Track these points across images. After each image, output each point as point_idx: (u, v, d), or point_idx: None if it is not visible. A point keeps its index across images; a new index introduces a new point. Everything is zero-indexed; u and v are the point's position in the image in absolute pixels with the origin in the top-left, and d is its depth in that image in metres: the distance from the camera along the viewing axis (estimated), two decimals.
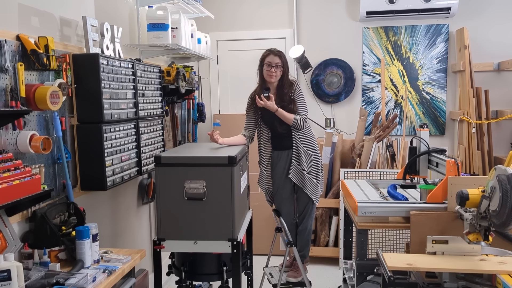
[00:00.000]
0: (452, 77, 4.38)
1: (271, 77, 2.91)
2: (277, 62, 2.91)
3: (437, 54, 4.37)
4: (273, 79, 2.92)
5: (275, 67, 2.91)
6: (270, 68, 2.91)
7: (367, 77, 4.51)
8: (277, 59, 2.91)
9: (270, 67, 2.91)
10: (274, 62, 2.91)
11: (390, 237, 3.83)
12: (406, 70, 4.44)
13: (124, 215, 2.97)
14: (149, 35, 3.04)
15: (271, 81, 2.93)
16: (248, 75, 4.65)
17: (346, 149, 4.22)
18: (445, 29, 4.32)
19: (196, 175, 2.20)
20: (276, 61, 2.91)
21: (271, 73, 2.91)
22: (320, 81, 4.56)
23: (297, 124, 2.87)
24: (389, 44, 4.44)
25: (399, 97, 4.47)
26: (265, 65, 2.93)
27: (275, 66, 2.90)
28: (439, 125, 4.43)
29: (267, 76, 2.93)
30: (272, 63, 2.91)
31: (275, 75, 2.91)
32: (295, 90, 2.94)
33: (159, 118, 3.11)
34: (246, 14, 4.64)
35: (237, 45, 4.72)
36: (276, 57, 2.91)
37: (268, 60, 2.92)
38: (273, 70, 2.91)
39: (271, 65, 2.91)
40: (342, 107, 4.59)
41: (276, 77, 2.92)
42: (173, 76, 3.28)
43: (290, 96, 2.91)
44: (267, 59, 2.93)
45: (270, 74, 2.92)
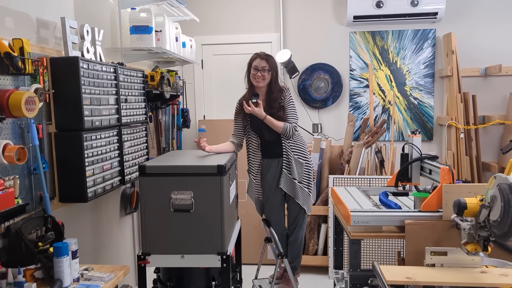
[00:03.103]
0: (439, 82, 4.36)
1: (258, 81, 2.81)
2: (264, 66, 2.81)
3: (424, 59, 4.34)
4: (260, 84, 2.82)
5: (262, 71, 2.81)
6: (257, 72, 2.82)
7: (355, 82, 4.46)
8: (264, 62, 2.82)
9: (257, 71, 2.82)
10: (261, 66, 2.81)
11: (380, 246, 3.77)
12: (394, 75, 4.40)
13: (106, 227, 2.82)
14: (132, 38, 2.91)
15: (258, 85, 2.83)
16: (234, 80, 4.56)
17: (334, 155, 4.15)
18: (432, 34, 4.30)
19: (183, 186, 2.09)
20: (263, 65, 2.81)
21: (258, 77, 2.81)
22: (307, 86, 4.49)
23: (286, 132, 2.77)
24: (376, 49, 4.40)
25: (386, 102, 4.43)
26: (252, 69, 2.84)
27: (262, 70, 2.81)
28: (427, 131, 4.40)
29: (254, 81, 2.83)
30: (259, 67, 2.82)
31: (262, 80, 2.81)
32: (285, 97, 2.84)
33: (142, 124, 2.98)
34: (231, 17, 4.55)
35: (222, 49, 4.62)
36: (263, 61, 2.82)
37: (255, 64, 2.82)
38: (259, 74, 2.81)
39: (258, 69, 2.81)
40: (329, 113, 4.52)
41: (264, 82, 2.82)
42: (157, 81, 3.15)
43: (279, 103, 2.82)
44: (254, 63, 2.84)
45: (257, 79, 2.82)
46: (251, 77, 2.83)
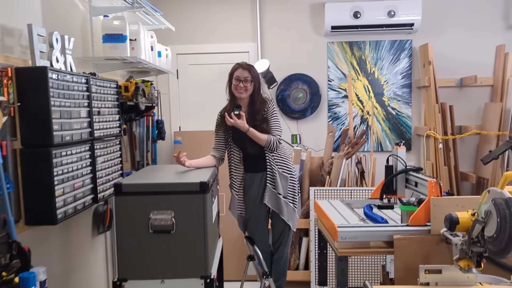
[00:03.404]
0: (416, 93, 4.37)
1: (240, 92, 2.71)
2: (246, 76, 2.71)
3: (401, 69, 4.35)
4: (242, 95, 2.71)
5: (244, 81, 2.71)
6: (239, 83, 2.71)
7: (333, 93, 4.42)
8: (246, 73, 2.72)
9: (239, 81, 2.71)
10: (243, 76, 2.71)
11: (363, 260, 3.70)
12: (372, 85, 4.39)
13: (77, 249, 2.63)
14: (105, 47, 2.75)
15: (240, 97, 2.73)
16: (210, 90, 4.43)
17: (314, 166, 4.08)
18: (408, 44, 4.32)
19: (163, 205, 1.94)
20: (245, 75, 2.71)
21: (240, 88, 2.71)
22: (286, 96, 4.41)
23: (270, 145, 2.67)
24: (354, 59, 4.38)
25: (365, 113, 4.41)
26: (234, 80, 2.73)
27: (244, 80, 2.70)
28: (405, 141, 4.39)
29: (236, 92, 2.73)
30: (241, 77, 2.71)
31: (245, 91, 2.71)
32: (268, 108, 2.74)
33: (116, 138, 2.81)
34: (207, 26, 4.44)
35: (198, 58, 4.49)
36: (245, 71, 2.72)
37: (237, 74, 2.72)
38: (241, 85, 2.71)
39: (240, 80, 2.71)
40: (308, 123, 4.46)
41: (246, 93, 2.72)
42: (132, 91, 2.99)
43: (262, 115, 2.72)
44: (235, 73, 2.73)
45: (239, 90, 2.71)
46: (233, 88, 2.72)
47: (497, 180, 3.96)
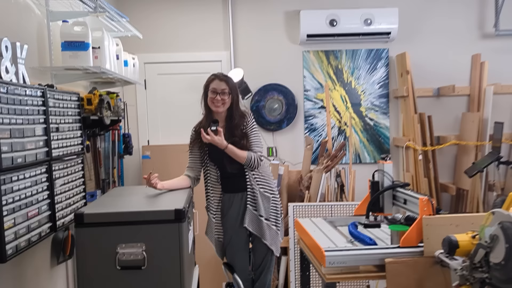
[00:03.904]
0: (394, 103, 4.27)
1: (216, 106, 2.49)
2: (223, 88, 2.49)
3: (378, 79, 4.25)
4: (220, 109, 2.49)
5: (221, 94, 2.49)
6: (215, 96, 2.49)
7: (309, 103, 4.26)
8: (224, 84, 2.50)
9: (216, 94, 2.49)
10: (220, 88, 2.49)
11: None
12: (349, 95, 4.26)
13: (33, 284, 2.31)
14: (64, 56, 2.48)
15: (217, 111, 2.51)
16: (181, 101, 4.18)
17: (292, 181, 3.89)
18: (385, 53, 4.23)
19: (132, 237, 1.70)
20: (222, 87, 2.49)
21: (217, 101, 2.48)
22: (261, 107, 4.22)
23: (251, 163, 2.46)
24: (331, 69, 4.24)
25: (342, 124, 4.27)
26: (210, 92, 2.51)
27: (221, 93, 2.49)
28: (384, 152, 4.27)
29: (212, 105, 2.50)
30: (218, 89, 2.49)
31: (222, 104, 2.49)
32: (247, 123, 2.54)
33: (78, 156, 2.53)
34: (177, 34, 4.20)
35: (167, 68, 4.24)
36: (222, 83, 2.50)
37: (213, 86, 2.50)
38: (218, 98, 2.48)
39: (217, 92, 2.49)
40: (284, 135, 4.28)
41: (224, 106, 2.50)
42: (96, 104, 2.72)
43: (241, 130, 2.50)
44: (211, 85, 2.51)
45: (215, 103, 2.49)
46: (209, 101, 2.51)
47: (477, 191, 3.90)
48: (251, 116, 2.59)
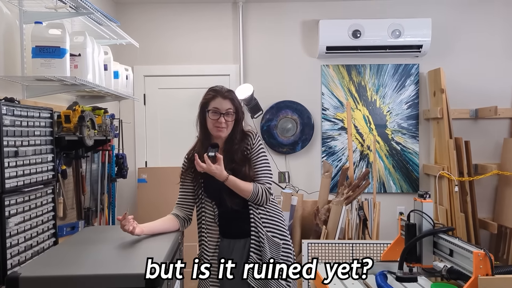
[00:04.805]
0: (424, 125, 3.76)
1: (219, 130, 1.95)
2: (228, 108, 1.96)
3: (406, 98, 3.75)
4: (223, 133, 1.97)
5: (225, 115, 1.95)
6: (218, 117, 1.94)
7: (328, 124, 3.78)
8: (228, 103, 1.96)
9: (218, 115, 1.94)
10: (223, 108, 1.95)
11: None
12: (373, 115, 3.77)
13: None
14: (35, 64, 2.05)
15: (219, 136, 1.98)
16: (184, 119, 3.73)
17: (307, 212, 3.39)
18: (415, 69, 3.73)
19: None
20: (226, 106, 1.96)
21: (220, 124, 1.94)
22: (272, 127, 3.75)
23: (257, 198, 1.94)
24: (353, 85, 3.76)
25: (365, 148, 3.77)
26: (211, 113, 1.96)
27: (225, 114, 1.96)
28: (412, 181, 3.76)
29: (214, 129, 1.97)
30: (221, 109, 1.95)
31: (226, 128, 1.97)
32: (252, 145, 1.99)
33: (47, 185, 2.08)
34: (181, 45, 3.78)
35: (169, 82, 3.82)
36: (227, 101, 1.96)
37: (215, 105, 1.95)
38: (222, 120, 1.94)
39: (220, 113, 1.95)
40: (298, 159, 3.79)
41: (227, 130, 1.99)
42: (75, 122, 2.28)
43: (243, 153, 1.98)
44: (212, 104, 1.96)
45: (218, 127, 1.95)
46: (209, 124, 1.97)
47: None
48: (257, 136, 2.04)
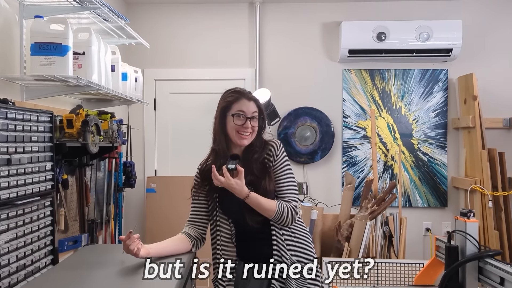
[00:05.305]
0: (453, 134, 3.50)
1: (243, 137, 1.71)
2: (254, 111, 1.72)
3: (434, 105, 3.50)
4: (246, 141, 1.72)
5: (251, 120, 1.71)
6: (244, 122, 1.69)
7: (349, 132, 3.54)
8: (253, 106, 1.71)
9: (244, 119, 1.69)
10: (250, 111, 1.70)
11: None
12: (397, 124, 3.52)
13: None
14: (34, 62, 1.86)
15: (243, 144, 1.73)
16: (196, 126, 3.53)
17: (327, 227, 3.14)
18: (443, 75, 3.48)
19: None
20: (252, 109, 1.71)
21: (245, 130, 1.70)
22: (290, 135, 3.53)
23: (282, 218, 1.68)
24: (376, 92, 3.52)
25: (389, 158, 3.52)
26: (235, 117, 1.70)
27: (251, 118, 1.71)
28: (440, 195, 3.49)
29: (236, 136, 1.70)
30: (247, 113, 1.70)
31: (251, 134, 1.72)
32: (276, 157, 1.74)
33: (45, 197, 1.87)
34: (194, 47, 3.58)
35: (181, 86, 3.61)
36: (252, 103, 1.72)
37: (240, 108, 1.70)
38: (249, 126, 1.70)
39: (246, 117, 1.69)
40: (317, 169, 3.55)
41: (251, 137, 1.73)
42: (78, 127, 2.08)
43: (264, 164, 1.73)
44: (236, 107, 1.71)
45: (242, 134, 1.70)
46: (232, 130, 1.71)
47: None
48: (281, 147, 1.79)
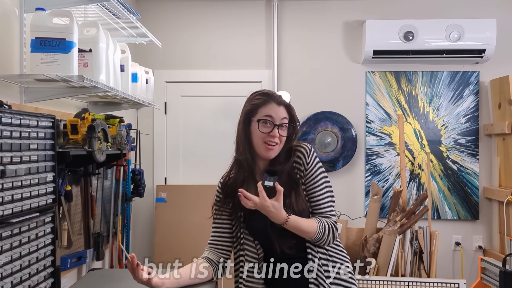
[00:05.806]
0: (485, 142, 3.26)
1: (270, 147, 1.48)
2: (283, 117, 1.49)
3: (464, 110, 3.26)
4: (273, 153, 1.49)
5: (279, 127, 1.49)
6: (271, 130, 1.47)
7: (373, 138, 3.31)
8: (283, 111, 1.50)
9: (271, 127, 1.48)
10: (279, 117, 1.48)
11: None
12: (425, 130, 3.28)
13: None
14: (35, 59, 1.65)
15: (268, 155, 1.50)
16: (209, 131, 3.32)
17: (351, 242, 2.91)
18: (474, 77, 3.25)
19: None
20: (282, 115, 1.49)
21: (272, 139, 1.47)
22: (310, 141, 3.30)
23: (323, 238, 1.46)
24: (402, 95, 3.29)
25: (416, 166, 3.28)
26: (260, 124, 1.48)
27: (279, 126, 1.48)
28: (471, 206, 3.24)
29: (262, 147, 1.48)
30: (276, 119, 1.48)
31: (278, 144, 1.49)
32: (307, 165, 1.50)
33: (45, 213, 1.66)
34: (207, 47, 3.38)
35: (194, 88, 3.40)
36: (282, 108, 1.49)
37: (267, 112, 1.48)
38: (276, 134, 1.46)
39: (273, 124, 1.48)
40: (339, 178, 3.32)
41: (279, 148, 1.50)
42: (83, 133, 1.87)
43: (291, 176, 1.49)
44: (263, 111, 1.48)
45: (269, 144, 1.48)
46: (257, 138, 1.49)
47: None
48: (312, 151, 1.53)
